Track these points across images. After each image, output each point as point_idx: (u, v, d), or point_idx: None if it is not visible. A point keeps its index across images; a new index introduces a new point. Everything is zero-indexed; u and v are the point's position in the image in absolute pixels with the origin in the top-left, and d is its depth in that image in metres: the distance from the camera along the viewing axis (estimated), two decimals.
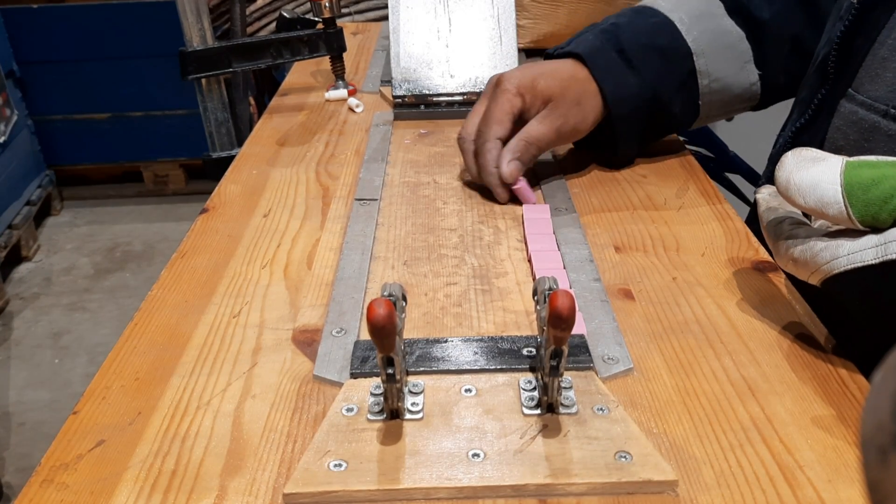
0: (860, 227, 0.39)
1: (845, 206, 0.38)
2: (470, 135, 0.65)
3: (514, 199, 0.64)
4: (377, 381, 0.42)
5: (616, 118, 0.66)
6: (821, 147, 0.55)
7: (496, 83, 0.65)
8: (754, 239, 0.57)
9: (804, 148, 0.42)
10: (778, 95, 0.72)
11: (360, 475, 0.36)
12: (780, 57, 0.69)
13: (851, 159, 0.40)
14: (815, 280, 0.42)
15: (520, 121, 0.64)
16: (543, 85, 0.64)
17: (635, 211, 0.62)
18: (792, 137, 0.60)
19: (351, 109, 0.87)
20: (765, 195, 0.48)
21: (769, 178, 0.64)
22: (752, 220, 0.59)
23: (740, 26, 0.68)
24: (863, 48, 0.52)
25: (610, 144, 0.69)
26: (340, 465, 0.37)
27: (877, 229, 0.38)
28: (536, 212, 0.60)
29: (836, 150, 0.54)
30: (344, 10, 1.86)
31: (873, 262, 0.38)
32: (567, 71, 0.65)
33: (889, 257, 0.37)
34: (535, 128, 0.63)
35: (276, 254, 0.57)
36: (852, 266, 0.39)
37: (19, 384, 1.82)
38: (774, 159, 0.64)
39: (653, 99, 0.66)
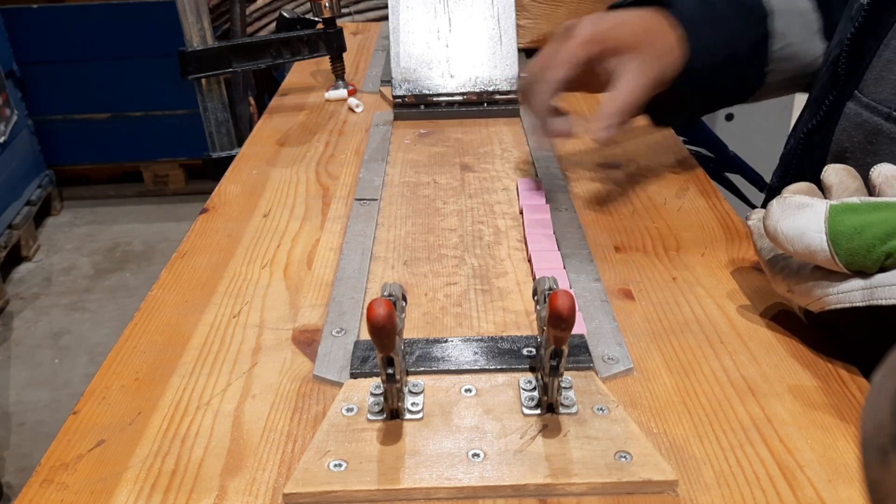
0: (847, 273, 0.40)
1: (832, 254, 0.40)
2: (532, 75, 0.61)
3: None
4: (377, 381, 0.42)
5: (694, 72, 0.61)
6: (825, 146, 0.56)
7: (568, 29, 0.60)
8: None
9: (788, 194, 0.43)
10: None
11: (360, 475, 0.36)
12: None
13: (835, 203, 0.41)
14: (812, 309, 0.43)
15: (587, 71, 0.60)
16: (618, 35, 0.59)
17: (635, 211, 0.62)
18: (804, 138, 0.60)
19: (351, 109, 0.87)
20: (755, 222, 0.49)
21: (780, 178, 0.65)
22: None
23: None
24: (871, 50, 0.52)
25: (674, 103, 0.64)
26: (340, 465, 0.37)
27: (863, 273, 0.40)
28: (536, 212, 0.60)
29: (842, 152, 0.54)
30: (344, 10, 1.86)
31: (861, 304, 0.40)
32: (644, 20, 0.61)
33: (875, 302, 0.39)
34: (629, 83, 0.58)
35: (276, 254, 0.57)
36: (841, 305, 0.40)
37: (19, 384, 1.82)
38: (786, 159, 0.63)
39: (730, 56, 0.62)
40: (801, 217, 0.41)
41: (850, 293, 0.40)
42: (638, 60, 0.58)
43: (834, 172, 0.46)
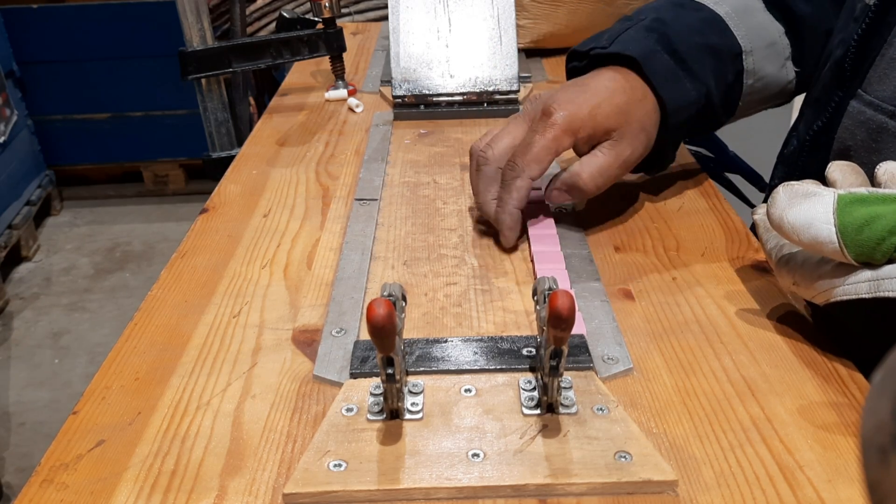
0: (855, 264, 0.40)
1: (840, 246, 0.39)
2: (495, 157, 0.56)
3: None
4: (377, 381, 0.42)
5: (671, 128, 0.59)
6: (830, 146, 0.55)
7: (543, 111, 0.55)
8: (754, 239, 0.57)
9: (794, 182, 0.42)
10: (800, 91, 0.68)
11: (359, 475, 0.36)
12: (816, 52, 0.64)
13: (843, 193, 0.40)
14: (816, 301, 0.43)
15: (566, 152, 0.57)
16: (603, 120, 0.55)
17: (635, 211, 0.62)
18: (811, 140, 0.58)
19: (351, 109, 0.87)
20: (762, 216, 0.48)
21: (782, 178, 0.64)
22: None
23: (779, 21, 0.64)
24: (876, 49, 0.52)
25: (655, 155, 0.61)
26: (340, 465, 0.37)
27: (870, 264, 0.40)
28: (538, 212, 0.60)
29: (846, 151, 0.54)
30: (344, 10, 1.86)
31: (866, 295, 0.39)
32: (623, 90, 0.57)
33: (881, 294, 0.39)
34: (598, 161, 0.55)
35: (276, 254, 0.57)
36: (847, 297, 0.40)
37: (19, 384, 1.82)
38: (787, 159, 0.63)
39: (706, 104, 0.61)
40: (809, 206, 0.40)
41: (857, 285, 0.40)
42: (622, 143, 0.55)
43: (837, 168, 0.45)
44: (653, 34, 0.59)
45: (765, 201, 0.68)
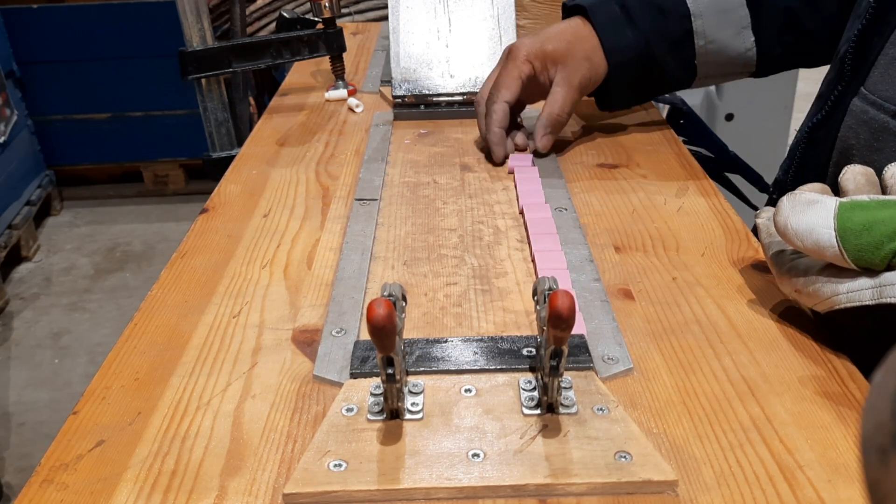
0: (856, 269, 0.40)
1: (840, 250, 0.40)
2: (483, 98, 0.72)
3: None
4: (377, 381, 0.42)
5: (612, 66, 0.71)
6: (833, 145, 0.56)
7: (508, 52, 0.71)
8: (754, 239, 0.57)
9: (798, 191, 0.43)
10: (775, 66, 0.74)
11: (360, 475, 0.36)
12: (775, 28, 0.70)
13: (844, 200, 0.41)
14: (819, 309, 0.43)
15: (533, 83, 0.71)
16: (551, 48, 0.70)
17: (635, 211, 0.62)
18: (808, 133, 0.60)
19: (351, 109, 0.87)
20: (765, 220, 0.49)
21: (785, 171, 0.65)
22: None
23: None
24: (877, 47, 0.52)
25: (607, 93, 0.74)
26: (340, 465, 0.37)
27: (872, 270, 0.40)
28: (538, 211, 0.60)
29: (848, 150, 0.54)
30: (344, 10, 1.86)
31: (870, 302, 0.40)
32: (571, 30, 0.71)
33: (884, 300, 0.39)
34: (558, 94, 0.70)
35: (276, 254, 0.57)
36: (851, 304, 0.41)
37: (19, 384, 1.82)
38: (793, 152, 0.64)
39: (647, 53, 0.71)
40: (811, 213, 0.41)
41: (860, 292, 0.40)
42: (568, 69, 0.70)
43: (852, 177, 0.45)
44: None
45: (772, 194, 0.69)
